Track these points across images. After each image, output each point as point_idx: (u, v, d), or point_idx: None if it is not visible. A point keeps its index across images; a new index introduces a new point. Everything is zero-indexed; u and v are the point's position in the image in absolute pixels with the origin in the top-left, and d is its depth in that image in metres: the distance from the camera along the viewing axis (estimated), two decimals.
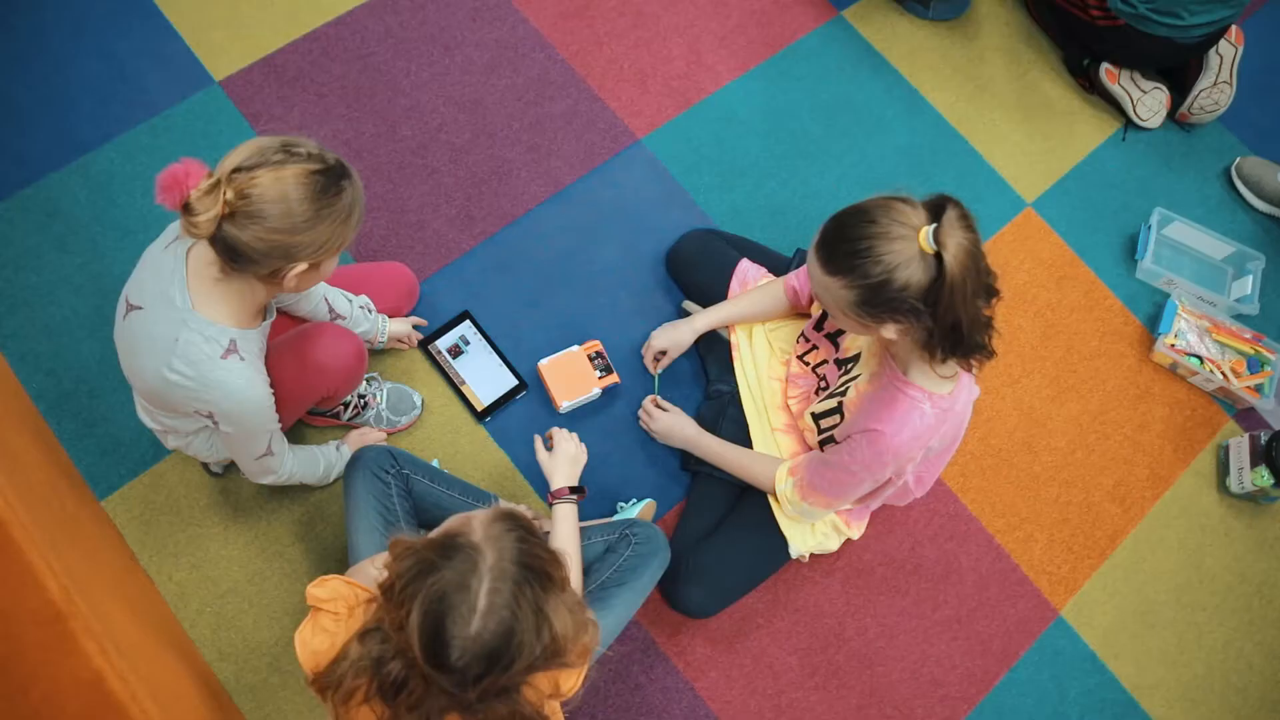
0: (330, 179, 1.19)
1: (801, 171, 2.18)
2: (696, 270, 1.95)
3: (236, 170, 1.15)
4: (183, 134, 1.98)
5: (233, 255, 1.19)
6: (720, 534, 1.74)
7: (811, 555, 1.78)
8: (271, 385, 1.37)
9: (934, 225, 1.23)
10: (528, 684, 1.08)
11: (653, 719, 1.70)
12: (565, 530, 1.50)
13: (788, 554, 1.73)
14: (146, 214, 1.90)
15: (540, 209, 2.04)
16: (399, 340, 1.81)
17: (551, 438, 1.63)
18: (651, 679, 1.73)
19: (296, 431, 1.77)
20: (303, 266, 1.22)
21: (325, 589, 1.19)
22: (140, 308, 1.29)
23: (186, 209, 1.14)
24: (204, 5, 2.11)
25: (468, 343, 1.87)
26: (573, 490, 1.54)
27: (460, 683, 1.00)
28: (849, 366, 1.60)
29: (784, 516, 1.71)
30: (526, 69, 2.16)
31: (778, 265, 1.93)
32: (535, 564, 1.02)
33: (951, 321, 1.28)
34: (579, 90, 2.16)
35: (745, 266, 1.89)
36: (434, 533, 1.07)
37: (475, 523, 1.05)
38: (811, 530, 1.73)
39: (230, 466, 1.70)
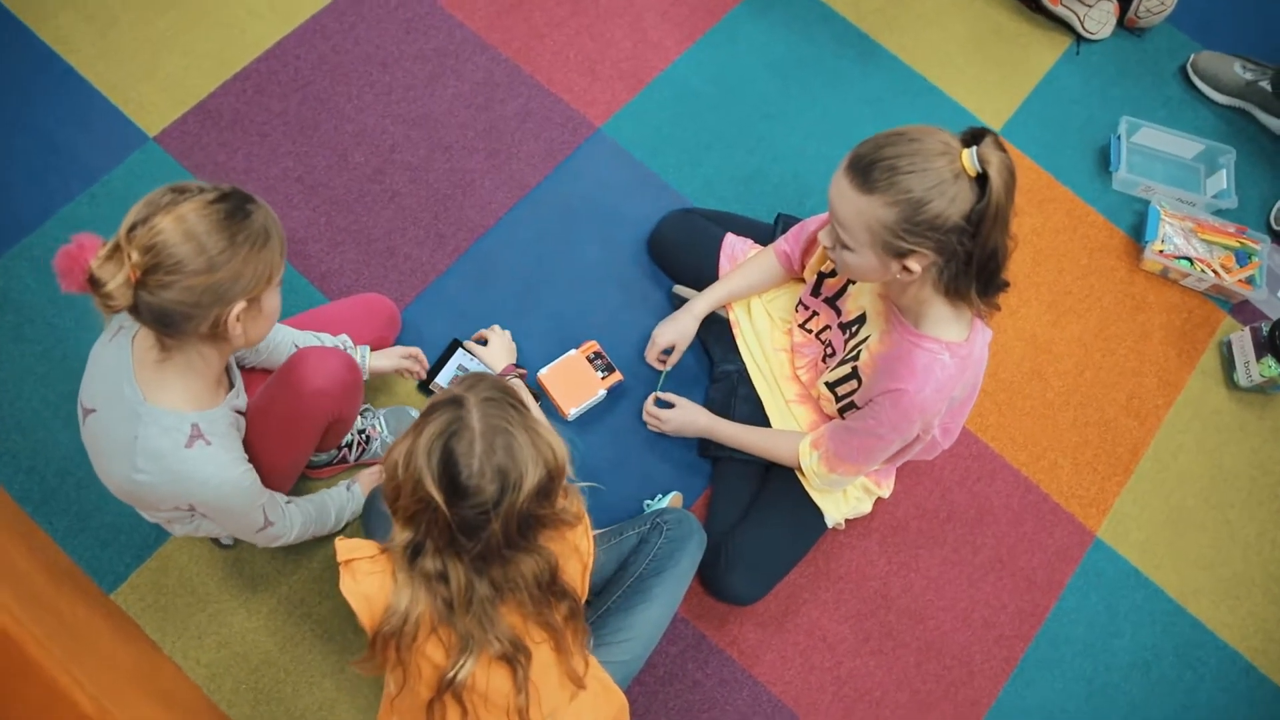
0: (232, 203, 1.10)
1: (767, 135, 2.13)
2: (681, 253, 1.90)
3: (132, 228, 1.07)
4: (125, 198, 1.86)
5: (164, 321, 1.10)
6: (754, 516, 1.70)
7: (846, 520, 1.75)
8: (271, 435, 1.30)
9: (975, 146, 1.21)
10: (546, 537, 1.15)
11: (716, 713, 1.67)
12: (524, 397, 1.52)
13: (824, 525, 1.70)
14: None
15: (510, 215, 1.97)
16: (401, 372, 1.73)
17: (483, 337, 1.79)
18: (708, 674, 1.69)
19: (303, 488, 1.69)
20: (240, 305, 1.13)
21: (349, 542, 1.20)
22: (94, 410, 1.20)
23: (93, 284, 1.05)
24: (123, 61, 2.00)
25: (466, 370, 1.80)
26: (516, 367, 1.74)
27: (482, 508, 1.05)
28: (854, 329, 1.56)
29: (814, 489, 1.68)
30: (470, 74, 2.08)
31: (762, 235, 1.88)
32: (509, 394, 1.12)
33: (991, 249, 1.26)
34: (528, 88, 2.09)
35: (731, 241, 1.84)
36: None
37: (440, 392, 1.17)
38: (844, 497, 1.70)
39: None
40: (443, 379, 1.79)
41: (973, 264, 1.28)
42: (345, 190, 1.94)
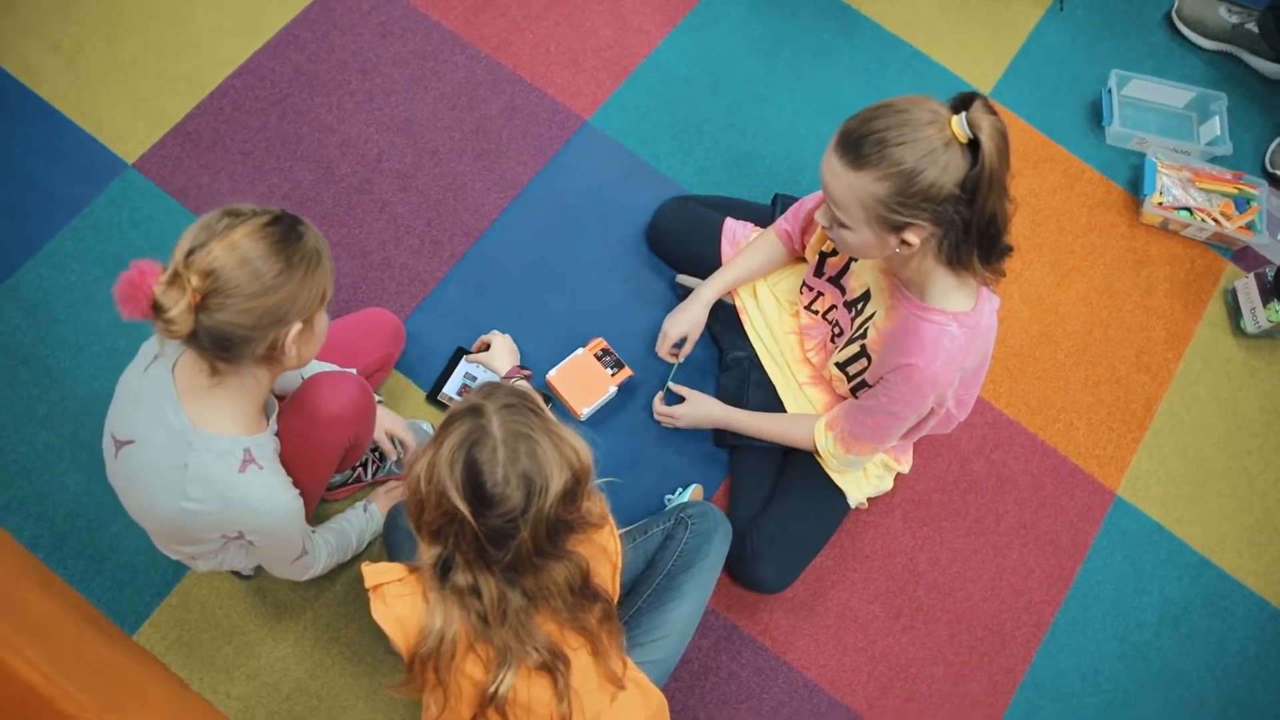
0: (285, 226, 1.11)
1: (757, 116, 2.10)
2: (681, 241, 1.88)
3: (190, 253, 1.06)
4: (109, 230, 1.83)
5: (223, 344, 1.09)
6: (776, 503, 1.68)
7: (869, 499, 1.74)
8: (290, 463, 1.27)
9: (964, 112, 1.19)
10: (575, 541, 1.14)
11: (754, 703, 1.66)
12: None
13: (847, 505, 1.69)
14: (94, 324, 1.76)
15: (505, 216, 1.94)
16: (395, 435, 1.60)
17: (485, 342, 1.73)
18: (742, 665, 1.68)
19: (319, 512, 1.66)
20: (297, 326, 1.13)
21: (376, 566, 1.18)
22: (131, 441, 1.18)
23: (156, 310, 1.04)
24: (95, 88, 1.95)
25: (474, 378, 1.77)
26: (521, 369, 1.70)
27: (509, 517, 1.03)
28: (860, 307, 1.55)
29: (833, 470, 1.66)
30: (452, 75, 2.04)
31: (761, 217, 1.86)
32: (528, 398, 1.11)
33: (989, 215, 1.23)
34: (512, 84, 2.05)
35: (732, 225, 1.82)
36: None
37: (457, 403, 1.13)
38: (865, 476, 1.69)
39: (259, 566, 1.60)
40: (450, 389, 1.76)
41: (972, 232, 1.26)
42: (335, 204, 1.90)
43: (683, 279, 1.87)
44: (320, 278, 1.14)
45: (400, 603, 1.16)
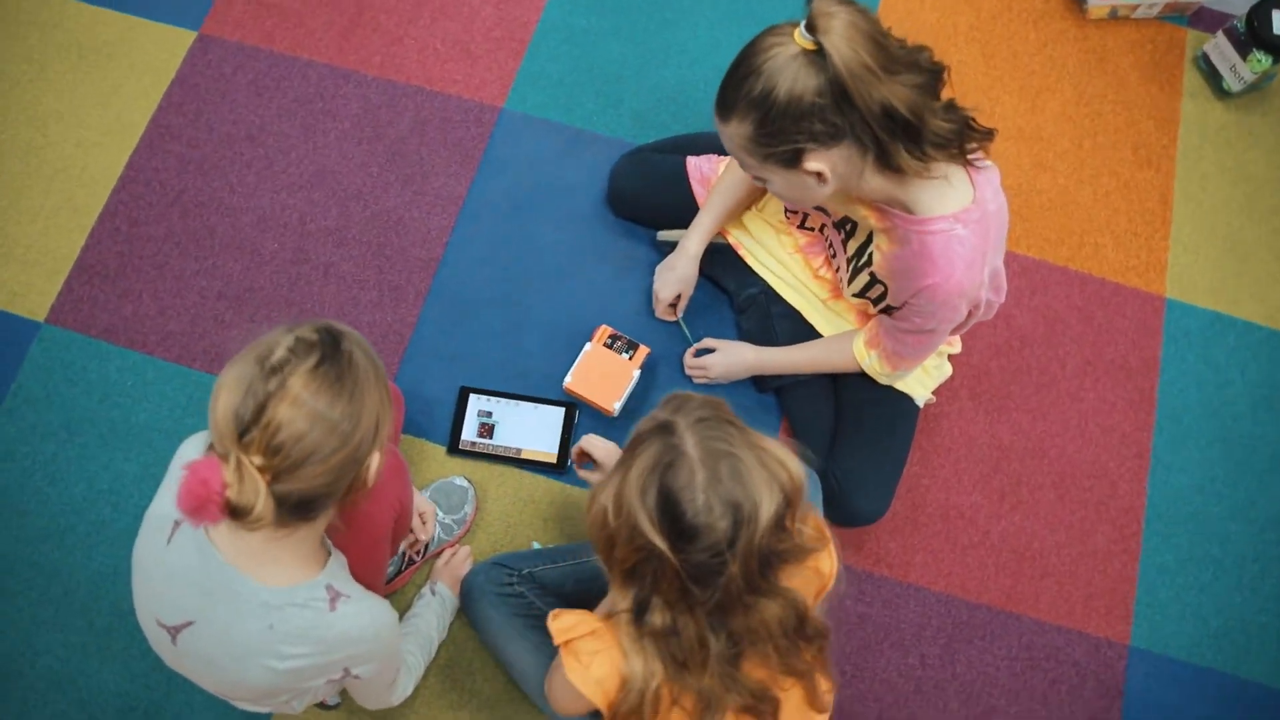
0: (329, 350, 0.93)
1: (673, 42, 1.95)
2: (647, 198, 1.74)
3: (244, 432, 0.88)
4: (47, 398, 1.64)
5: (306, 508, 0.94)
6: (846, 431, 1.57)
7: (933, 391, 1.63)
8: (351, 558, 1.13)
9: (804, 19, 1.08)
10: (788, 572, 0.98)
11: (894, 636, 1.56)
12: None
13: (916, 407, 1.58)
14: (68, 503, 1.58)
15: (456, 235, 1.78)
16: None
17: (584, 455, 1.42)
18: (868, 603, 1.58)
19: None
20: (376, 456, 0.98)
21: (563, 619, 1.05)
22: (190, 624, 1.02)
23: (235, 514, 0.87)
24: None
25: (489, 414, 1.62)
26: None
27: (715, 550, 0.90)
28: (849, 227, 1.42)
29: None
30: (345, 109, 1.86)
31: (720, 145, 1.72)
32: (722, 409, 0.97)
33: (879, 108, 1.09)
34: (411, 97, 1.87)
35: (695, 163, 1.68)
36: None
37: (644, 420, 0.99)
38: (923, 373, 1.58)
39: (343, 691, 1.45)
40: (468, 434, 1.62)
41: (877, 131, 1.12)
42: (274, 284, 1.73)
43: (664, 235, 1.73)
44: (380, 390, 0.98)
45: (596, 661, 1.03)
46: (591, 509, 0.97)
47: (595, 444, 1.40)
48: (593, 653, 1.03)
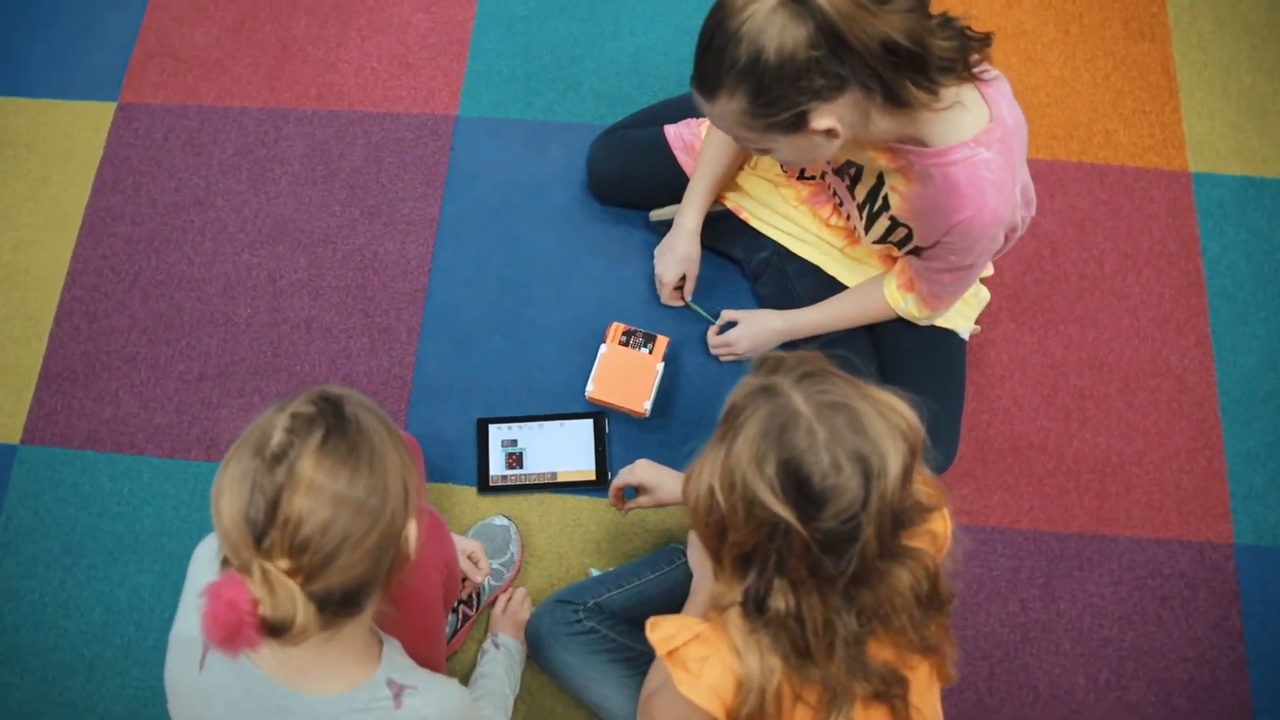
0: (332, 420, 0.82)
1: (623, 10, 1.82)
2: (630, 178, 1.62)
3: (259, 537, 0.77)
4: (40, 523, 1.51)
5: (351, 602, 0.83)
6: (894, 382, 1.45)
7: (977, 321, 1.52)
8: (407, 631, 1.02)
9: None
10: (911, 535, 0.89)
11: (990, 587, 1.47)
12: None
13: (962, 340, 1.47)
14: (87, 632, 1.46)
15: (437, 260, 1.66)
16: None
17: (619, 492, 1.35)
18: (954, 558, 1.48)
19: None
20: (412, 525, 0.87)
21: (663, 628, 0.93)
22: None
23: (276, 632, 0.76)
24: None
25: (514, 442, 1.51)
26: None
27: (849, 514, 0.81)
28: (852, 172, 1.30)
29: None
30: (291, 151, 1.73)
31: (694, 107, 1.59)
32: (819, 361, 0.88)
33: (878, 45, 0.98)
34: (358, 124, 1.74)
35: (675, 132, 1.56)
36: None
37: (737, 389, 0.88)
38: (964, 303, 1.47)
39: None
40: (496, 469, 1.50)
41: (879, 71, 1.01)
42: (256, 353, 1.60)
43: (657, 215, 1.62)
44: (399, 451, 0.87)
45: (707, 667, 0.91)
46: (692, 495, 0.86)
47: (628, 471, 1.31)
48: (702, 659, 0.92)
